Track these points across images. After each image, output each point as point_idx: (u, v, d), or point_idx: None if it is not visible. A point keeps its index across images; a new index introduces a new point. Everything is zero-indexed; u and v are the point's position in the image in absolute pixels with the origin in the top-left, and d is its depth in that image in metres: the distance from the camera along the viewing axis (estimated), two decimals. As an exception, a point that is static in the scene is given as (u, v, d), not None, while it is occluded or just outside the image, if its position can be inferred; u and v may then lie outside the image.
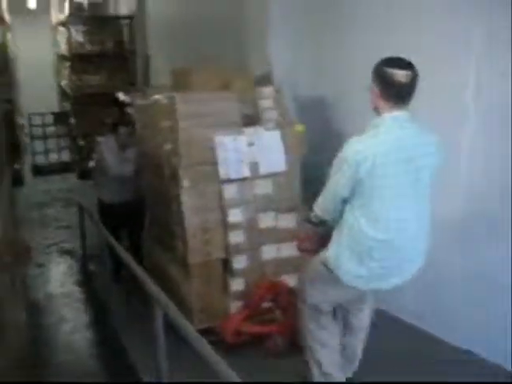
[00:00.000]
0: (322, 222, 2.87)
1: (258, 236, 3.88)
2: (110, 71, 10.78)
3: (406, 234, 2.61)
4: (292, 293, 3.61)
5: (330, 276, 2.73)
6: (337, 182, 2.60)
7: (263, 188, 3.89)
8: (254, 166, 3.84)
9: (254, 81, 4.25)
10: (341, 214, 2.69)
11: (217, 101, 3.80)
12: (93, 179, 6.61)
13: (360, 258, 2.61)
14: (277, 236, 3.95)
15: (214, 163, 3.75)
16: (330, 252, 2.71)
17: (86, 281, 5.75)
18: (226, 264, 3.83)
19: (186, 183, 3.69)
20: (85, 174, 10.19)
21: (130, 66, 10.65)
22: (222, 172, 3.75)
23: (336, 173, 2.60)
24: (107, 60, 10.76)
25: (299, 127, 4.05)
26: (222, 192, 3.75)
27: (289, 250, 3.96)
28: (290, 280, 3.96)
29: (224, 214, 3.76)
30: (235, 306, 3.81)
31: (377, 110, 2.62)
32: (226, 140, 3.76)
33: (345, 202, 2.64)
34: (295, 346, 3.42)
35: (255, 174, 3.84)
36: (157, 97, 4.03)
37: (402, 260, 2.66)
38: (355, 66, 4.03)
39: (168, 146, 3.86)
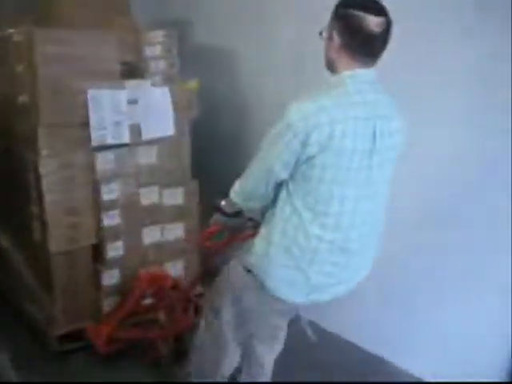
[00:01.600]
0: (238, 213, 2.17)
1: (138, 216, 3.08)
2: None
3: (360, 232, 1.93)
4: (177, 287, 2.93)
5: (252, 283, 2.06)
6: (273, 158, 1.82)
7: (146, 157, 3.06)
8: (136, 130, 2.99)
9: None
10: (271, 201, 1.95)
11: (91, 42, 2.84)
12: None
13: (297, 262, 1.90)
14: (161, 215, 3.17)
15: (85, 124, 2.84)
16: (257, 251, 1.98)
17: None
18: (96, 251, 3.00)
19: (45, 150, 2.76)
20: None
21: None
22: (95, 136, 2.85)
23: (272, 145, 1.82)
24: None
25: (193, 83, 3.24)
26: (94, 162, 2.88)
27: (174, 231, 3.25)
28: (175, 268, 3.27)
29: (96, 190, 2.90)
30: (109, 303, 3.02)
31: (331, 66, 1.87)
32: (101, 95, 2.86)
33: (279, 185, 1.90)
34: (181, 352, 2.79)
35: (137, 140, 3.00)
36: (11, 31, 2.96)
37: (349, 265, 1.98)
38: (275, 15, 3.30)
39: (25, 98, 2.86)
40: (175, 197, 3.22)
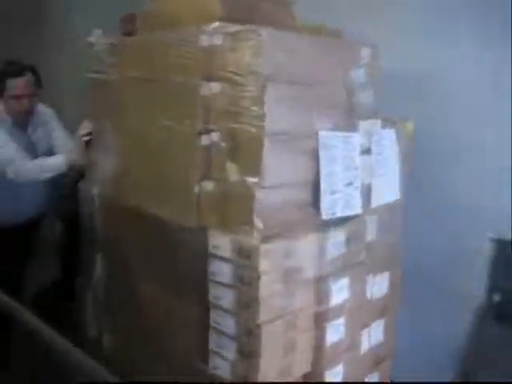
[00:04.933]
0: None
1: (359, 321, 1.93)
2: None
3: None
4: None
5: None
6: None
7: (370, 232, 1.94)
8: (365, 194, 1.87)
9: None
10: None
11: (326, 54, 1.69)
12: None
13: None
14: (367, 313, 2.05)
15: (305, 186, 1.69)
16: None
17: None
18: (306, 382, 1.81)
19: (260, 230, 1.57)
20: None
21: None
22: (326, 205, 1.71)
23: None
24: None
25: (409, 126, 2.14)
26: (323, 247, 1.71)
27: (376, 334, 2.11)
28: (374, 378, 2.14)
29: (322, 290, 1.73)
30: None
31: None
32: (334, 140, 1.72)
33: None
34: None
35: (365, 209, 1.88)
36: (192, 31, 1.69)
37: None
38: None
39: (216, 138, 1.64)
40: (382, 285, 2.10)
